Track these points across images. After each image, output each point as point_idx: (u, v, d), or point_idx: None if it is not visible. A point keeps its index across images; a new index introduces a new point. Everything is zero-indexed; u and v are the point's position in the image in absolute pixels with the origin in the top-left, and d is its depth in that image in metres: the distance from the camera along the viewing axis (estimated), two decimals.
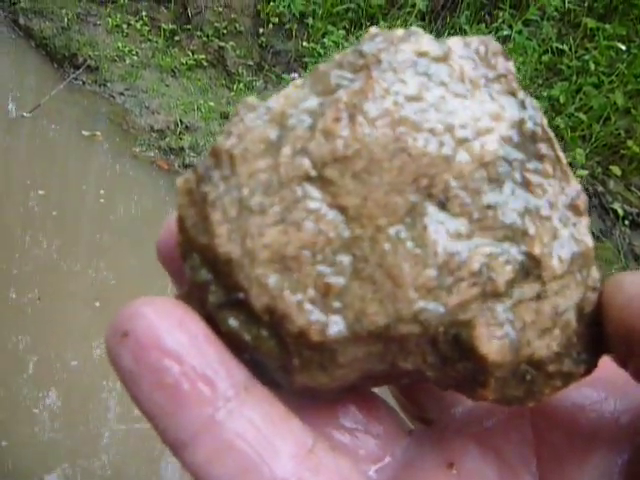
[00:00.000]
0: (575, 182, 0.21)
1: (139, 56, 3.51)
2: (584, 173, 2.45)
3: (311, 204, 0.19)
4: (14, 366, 1.74)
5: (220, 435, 0.17)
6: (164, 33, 3.63)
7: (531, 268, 0.19)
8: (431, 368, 0.20)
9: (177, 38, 3.62)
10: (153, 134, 2.96)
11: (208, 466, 0.17)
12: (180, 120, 2.99)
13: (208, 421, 0.17)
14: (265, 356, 0.19)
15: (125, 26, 3.66)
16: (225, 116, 3.02)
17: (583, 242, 0.20)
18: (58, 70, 3.42)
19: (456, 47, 0.21)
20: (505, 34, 2.95)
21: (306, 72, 3.07)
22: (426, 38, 0.20)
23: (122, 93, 3.25)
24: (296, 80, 0.20)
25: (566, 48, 2.89)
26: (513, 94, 0.21)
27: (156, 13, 3.74)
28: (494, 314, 0.19)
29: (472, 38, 0.21)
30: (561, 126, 2.59)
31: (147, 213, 2.53)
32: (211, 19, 3.58)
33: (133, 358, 0.17)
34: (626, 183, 2.54)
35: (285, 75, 3.27)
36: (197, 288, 0.19)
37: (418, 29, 0.21)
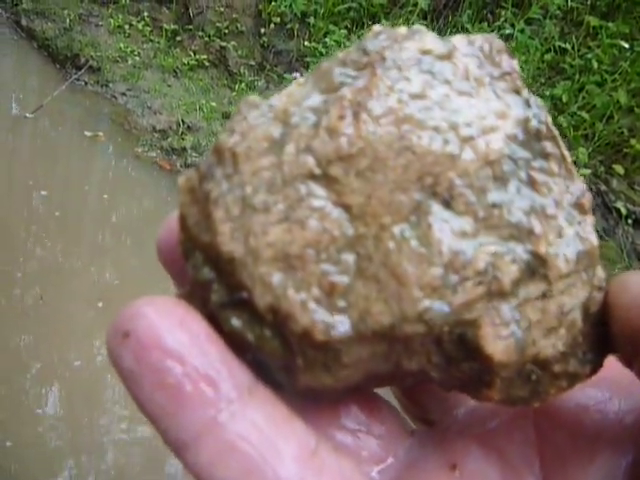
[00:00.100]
0: (580, 180, 0.21)
1: (141, 56, 3.51)
2: (587, 172, 2.44)
3: (315, 202, 0.18)
4: (17, 366, 1.74)
5: (223, 437, 0.17)
6: (166, 33, 3.63)
7: (537, 267, 0.19)
8: (436, 368, 0.20)
9: (179, 38, 3.62)
10: (155, 134, 2.96)
11: (210, 468, 0.17)
12: (182, 120, 2.99)
13: (210, 422, 0.17)
14: (268, 356, 0.19)
15: (127, 27, 3.67)
16: (227, 116, 3.02)
17: (588, 241, 0.20)
18: (60, 71, 3.43)
19: (460, 45, 0.21)
20: (507, 33, 2.94)
21: (308, 72, 3.06)
22: (430, 36, 0.20)
23: (124, 93, 3.26)
24: (299, 78, 0.20)
25: (569, 47, 2.88)
26: (517, 92, 0.21)
27: (158, 13, 3.74)
28: (500, 313, 0.19)
29: (476, 36, 0.21)
30: (564, 125, 2.58)
31: (149, 213, 2.53)
32: (213, 19, 3.58)
33: (134, 358, 0.17)
34: (629, 182, 2.54)
35: (287, 75, 3.27)
36: (199, 287, 0.19)
37: (422, 27, 0.21)
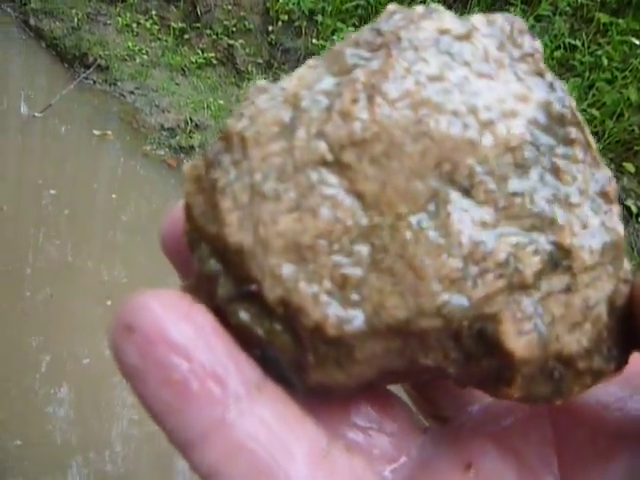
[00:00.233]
0: (605, 168, 0.20)
1: (149, 55, 3.52)
2: None
3: (327, 190, 0.18)
4: (27, 364, 1.75)
5: (230, 436, 0.16)
6: (174, 32, 3.64)
7: (560, 259, 0.18)
8: (453, 365, 0.19)
9: (187, 36, 3.63)
10: (163, 133, 2.97)
11: (218, 468, 0.16)
12: (190, 118, 3.00)
13: (218, 421, 0.16)
14: (278, 352, 0.18)
15: (135, 25, 3.68)
16: None
17: (614, 231, 0.19)
18: (69, 70, 3.45)
19: (480, 25, 0.20)
20: None
21: None
22: (448, 15, 0.20)
23: (132, 92, 3.27)
24: (310, 60, 0.19)
25: (579, 44, 2.86)
26: (540, 74, 0.20)
27: (165, 12, 3.75)
28: (521, 307, 0.18)
29: (496, 15, 0.20)
30: None
31: (158, 211, 2.54)
32: (220, 17, 3.59)
33: (139, 354, 0.16)
34: (639, 180, 2.52)
35: None
36: (205, 280, 0.18)
37: (439, 6, 0.20)
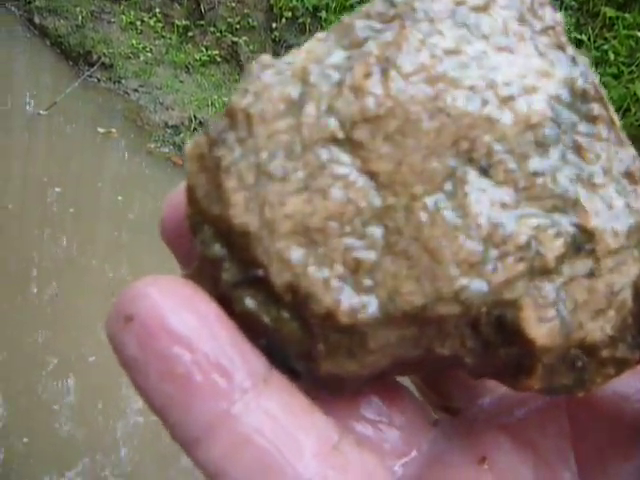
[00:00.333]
0: (630, 147, 0.19)
1: (153, 53, 3.52)
2: None
3: (338, 169, 0.17)
4: (32, 363, 1.75)
5: (236, 430, 0.16)
6: (177, 29, 3.63)
7: (583, 242, 0.17)
8: (470, 354, 0.18)
9: (190, 34, 3.62)
10: (168, 130, 2.97)
11: (223, 464, 0.16)
12: (194, 116, 2.99)
13: (223, 415, 0.16)
14: (286, 341, 0.17)
15: (139, 23, 3.68)
16: None
17: None
18: (73, 68, 3.45)
19: None
20: None
21: None
22: None
23: (136, 90, 3.27)
24: (318, 34, 0.18)
25: (585, 38, 2.84)
26: (562, 48, 0.19)
27: (169, 9, 3.75)
28: (543, 293, 0.17)
29: None
30: None
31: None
32: (224, 14, 3.58)
33: (139, 345, 0.16)
34: None
35: None
36: (208, 265, 0.17)
37: None
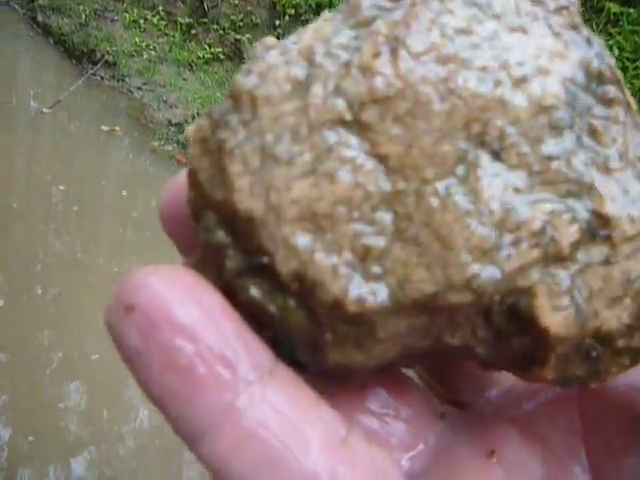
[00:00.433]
0: None
1: (156, 51, 3.52)
2: None
3: (346, 152, 0.16)
4: (37, 361, 1.76)
5: (241, 424, 0.15)
6: (181, 27, 3.63)
7: (599, 228, 0.17)
8: (481, 344, 0.17)
9: (194, 32, 3.62)
10: (171, 128, 2.97)
11: (228, 459, 0.15)
12: (198, 113, 2.99)
13: (227, 408, 0.15)
14: (292, 331, 0.16)
15: (142, 21, 3.68)
16: None
17: None
18: (77, 66, 3.46)
19: None
20: None
21: None
22: None
23: (140, 88, 3.27)
24: (325, 14, 0.18)
25: None
26: (576, 29, 0.18)
27: (172, 7, 3.75)
28: (557, 280, 0.17)
29: None
30: None
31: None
32: (227, 12, 3.58)
33: (140, 335, 0.15)
34: None
35: None
36: (212, 253, 0.17)
37: None
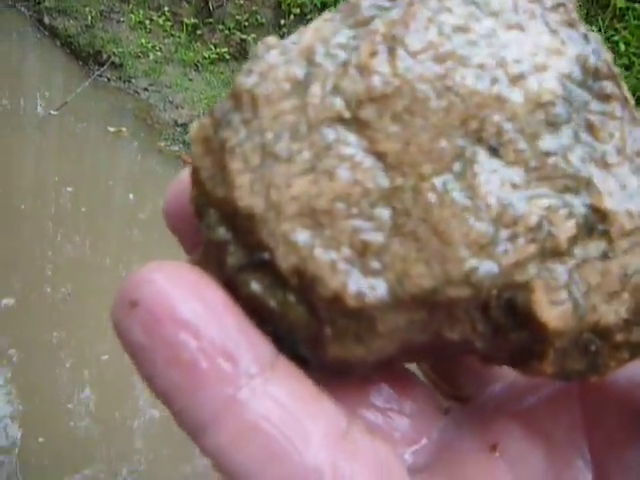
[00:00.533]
0: None
1: (162, 51, 3.53)
2: None
3: (345, 150, 0.16)
4: (47, 362, 1.77)
5: (243, 417, 0.15)
6: (186, 28, 3.64)
7: (596, 223, 0.17)
8: (480, 338, 0.18)
9: (199, 32, 3.63)
10: (177, 128, 2.98)
11: (230, 452, 0.15)
12: (204, 114, 3.00)
13: (229, 401, 0.15)
14: (292, 326, 0.17)
15: (148, 22, 3.69)
16: None
17: None
18: (83, 68, 3.48)
19: None
20: None
21: None
22: None
23: (146, 89, 3.28)
24: (325, 14, 0.18)
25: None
26: (573, 25, 0.18)
27: (178, 8, 3.76)
28: (554, 275, 0.17)
29: None
30: None
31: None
32: (232, 12, 3.58)
33: (144, 331, 0.15)
34: None
35: None
36: (214, 249, 0.17)
37: None
